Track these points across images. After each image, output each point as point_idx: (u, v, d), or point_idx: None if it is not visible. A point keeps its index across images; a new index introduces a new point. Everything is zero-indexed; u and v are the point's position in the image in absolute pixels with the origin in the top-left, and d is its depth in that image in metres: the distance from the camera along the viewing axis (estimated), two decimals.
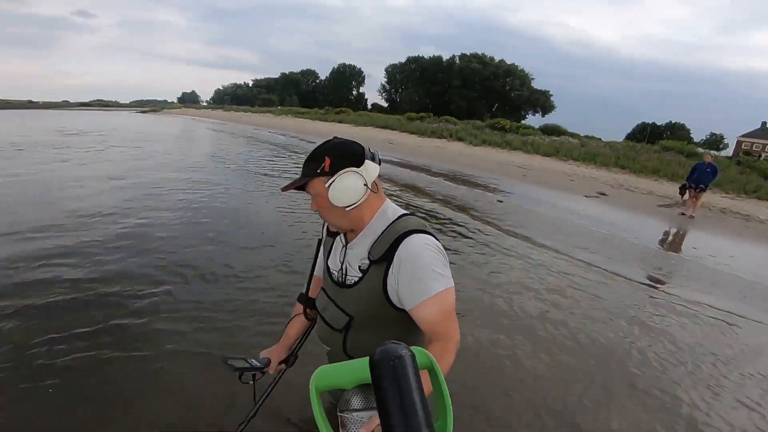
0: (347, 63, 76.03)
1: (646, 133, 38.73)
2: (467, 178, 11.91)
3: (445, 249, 1.08)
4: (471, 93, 55.83)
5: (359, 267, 1.09)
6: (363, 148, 1.07)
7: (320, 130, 27.00)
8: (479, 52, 58.04)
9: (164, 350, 2.40)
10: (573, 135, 25.73)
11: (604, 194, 11.55)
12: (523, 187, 11.38)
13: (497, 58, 57.63)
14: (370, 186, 1.04)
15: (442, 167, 13.71)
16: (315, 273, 1.32)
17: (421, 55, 63.96)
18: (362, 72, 76.17)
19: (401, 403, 0.47)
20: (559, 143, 20.19)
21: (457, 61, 58.89)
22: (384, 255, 1.03)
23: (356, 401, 0.64)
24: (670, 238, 7.78)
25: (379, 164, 1.07)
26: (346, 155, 1.04)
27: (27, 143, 13.03)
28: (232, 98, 78.88)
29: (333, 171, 1.02)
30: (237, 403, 1.95)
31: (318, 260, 1.31)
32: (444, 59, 60.82)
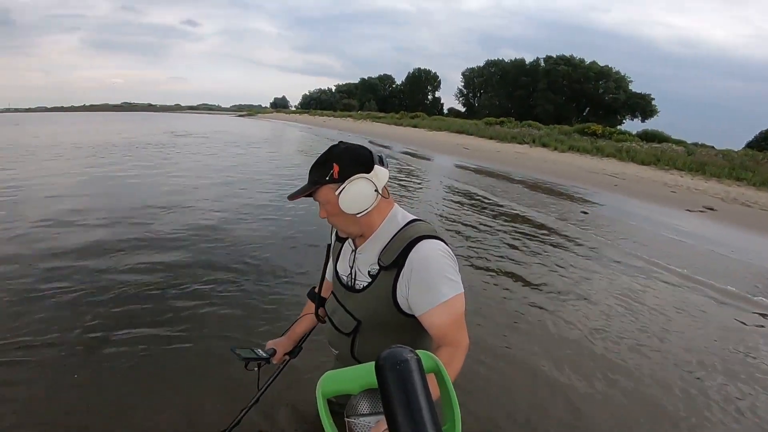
0: (423, 68, 76.00)
1: None
2: (549, 186, 11.18)
3: (516, 262, 0.98)
4: (558, 97, 52.45)
5: (368, 272, 1.09)
6: (371, 152, 1.05)
7: (395, 133, 27.36)
8: (567, 54, 54.44)
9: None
10: (678, 142, 22.93)
11: (711, 209, 10.05)
12: (612, 198, 10.37)
13: (587, 60, 53.54)
14: (380, 191, 1.03)
15: (521, 174, 13.05)
16: (328, 278, 1.32)
17: (501, 58, 61.84)
18: (438, 76, 75.60)
19: (408, 406, 0.46)
20: (660, 150, 18.07)
21: (542, 64, 55.84)
22: (394, 261, 1.02)
23: (363, 406, 0.63)
24: None
25: (388, 168, 1.07)
26: (354, 161, 1.02)
27: (148, 142, 15.05)
28: (317, 103, 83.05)
29: (342, 178, 1.00)
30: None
31: (330, 263, 1.31)
32: (527, 62, 58.19)
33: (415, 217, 1.11)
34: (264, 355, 1.38)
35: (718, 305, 3.94)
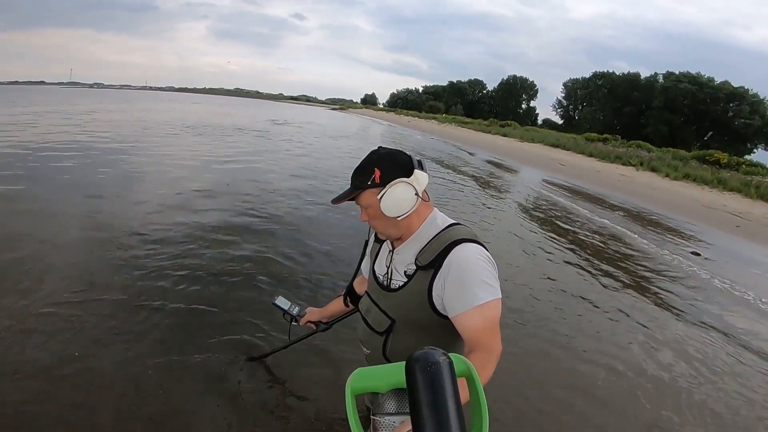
0: (518, 75, 72.82)
1: None
2: (655, 218, 9.95)
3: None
4: (676, 117, 46.54)
5: (405, 272, 1.10)
6: (410, 157, 1.08)
7: (482, 141, 26.47)
8: (692, 71, 48.11)
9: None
10: None
11: None
12: (732, 241, 8.90)
13: (718, 80, 46.76)
14: (420, 195, 1.05)
15: (622, 200, 11.80)
16: (363, 272, 1.39)
17: (610, 71, 56.98)
18: (535, 85, 72.19)
19: (434, 409, 0.45)
20: None
21: (661, 80, 50.06)
22: (432, 261, 1.03)
23: (390, 405, 0.63)
24: None
25: (427, 172, 1.08)
26: (395, 166, 1.05)
27: (250, 128, 16.39)
28: (403, 102, 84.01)
29: (384, 182, 1.03)
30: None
31: (364, 261, 1.36)
32: (642, 77, 52.62)
33: (454, 221, 1.13)
34: (294, 312, 1.66)
35: None
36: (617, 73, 55.66)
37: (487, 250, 1.05)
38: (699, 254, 6.85)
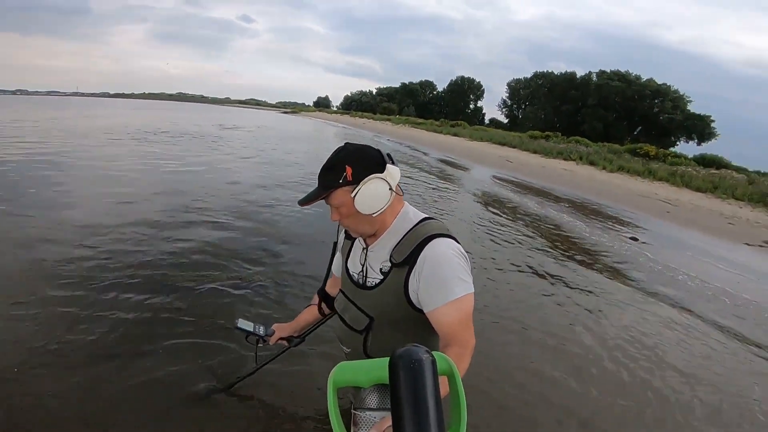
0: (466, 76, 75.24)
1: None
2: (596, 207, 10.70)
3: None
4: (609, 114, 50.30)
5: (380, 269, 1.09)
6: (380, 151, 1.05)
7: (434, 140, 27.13)
8: (622, 70, 52.22)
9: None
10: (738, 169, 21.43)
11: None
12: (664, 226, 9.78)
13: (644, 77, 51.11)
14: (394, 189, 1.03)
15: (567, 192, 12.57)
16: (334, 273, 1.36)
17: (550, 71, 60.44)
18: (481, 86, 74.74)
19: (414, 406, 0.46)
20: (718, 177, 16.92)
21: (594, 79, 53.83)
22: (407, 258, 1.03)
23: (371, 400, 0.64)
24: None
25: (397, 166, 1.07)
26: (366, 162, 1.02)
27: (199, 132, 15.69)
28: (357, 104, 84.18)
29: (356, 179, 1.01)
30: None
31: (335, 261, 1.34)
32: (578, 76, 56.28)
33: (427, 215, 1.11)
34: (261, 332, 1.47)
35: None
36: (556, 73, 59.14)
37: (459, 244, 1.05)
38: (636, 239, 7.46)
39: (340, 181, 1.02)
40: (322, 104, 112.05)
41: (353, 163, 1.02)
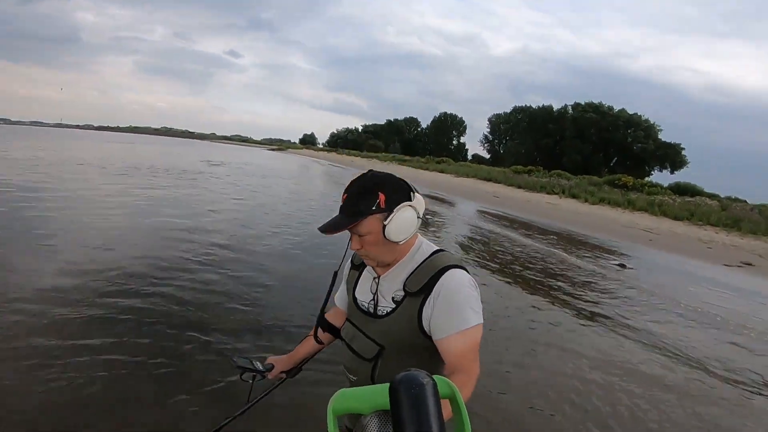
0: (449, 112, 77.57)
1: None
2: (582, 238, 11.26)
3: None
4: (586, 146, 52.45)
5: (393, 298, 1.09)
6: (405, 181, 1.08)
7: (423, 178, 27.95)
8: (595, 101, 55.12)
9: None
10: (711, 196, 22.63)
11: (750, 264, 9.93)
12: (649, 253, 10.36)
13: (616, 108, 53.97)
14: (421, 218, 1.06)
15: (555, 226, 13.17)
16: (337, 304, 1.37)
17: (528, 105, 62.50)
18: (463, 121, 76.73)
19: (418, 430, 0.46)
20: (693, 205, 17.91)
21: (570, 111, 56.42)
22: (423, 287, 1.04)
23: (372, 427, 0.62)
24: None
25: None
26: (397, 189, 1.04)
27: (186, 169, 15.97)
28: (344, 141, 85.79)
29: (389, 206, 1.01)
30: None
31: (339, 292, 1.35)
32: (555, 109, 58.81)
33: (439, 248, 1.14)
34: (260, 368, 1.41)
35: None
36: (534, 107, 61.00)
37: (471, 276, 1.09)
38: (624, 266, 7.95)
39: (374, 207, 1.00)
40: (308, 141, 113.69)
41: (386, 190, 1.02)
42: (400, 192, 1.03)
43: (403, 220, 1.01)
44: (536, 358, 3.65)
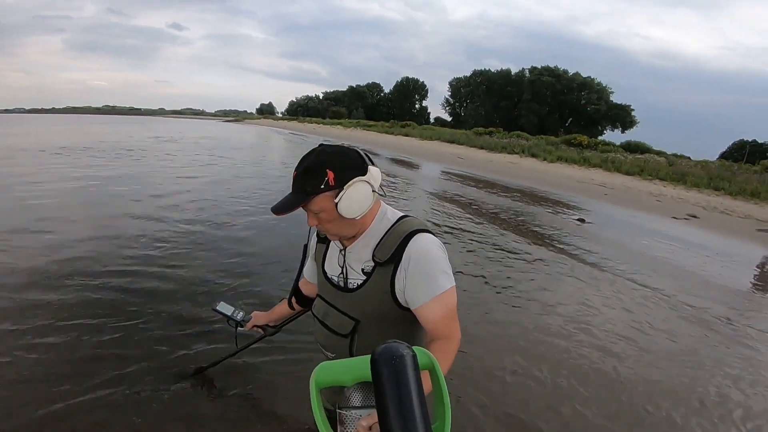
0: (411, 77, 77.02)
1: (744, 152, 34.79)
2: (544, 195, 11.71)
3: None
4: (543, 107, 53.96)
5: (362, 270, 1.07)
6: (359, 152, 1.02)
7: (388, 142, 27.80)
8: (551, 65, 56.18)
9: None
10: (659, 153, 24.09)
11: (695, 216, 10.76)
12: (605, 207, 10.96)
13: (571, 72, 55.38)
14: (377, 191, 1.01)
15: (517, 184, 13.58)
16: (307, 278, 1.38)
17: (487, 69, 62.96)
18: (425, 86, 76.74)
19: (399, 402, 0.47)
20: (643, 161, 18.98)
21: (527, 75, 57.41)
22: (391, 256, 1.02)
23: (356, 398, 0.64)
24: None
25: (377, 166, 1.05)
26: (348, 164, 0.98)
27: (134, 146, 14.99)
28: (304, 110, 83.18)
29: (339, 184, 0.97)
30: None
31: (307, 266, 1.34)
32: (513, 72, 59.64)
33: (404, 213, 1.11)
34: (237, 318, 1.57)
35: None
36: (492, 71, 61.86)
37: (437, 238, 1.07)
38: (584, 220, 8.38)
39: (322, 186, 0.96)
40: (266, 111, 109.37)
41: (335, 167, 0.97)
42: (351, 167, 0.98)
43: (355, 196, 0.97)
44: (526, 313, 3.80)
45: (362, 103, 76.93)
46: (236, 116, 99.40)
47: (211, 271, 3.69)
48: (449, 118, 66.98)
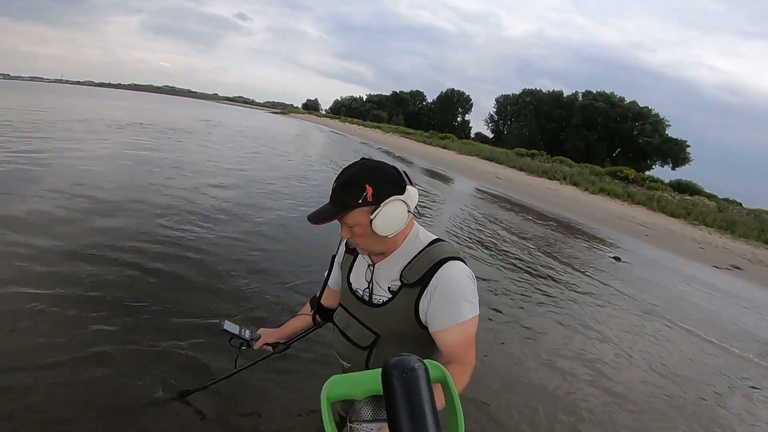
0: (456, 89, 76.28)
1: None
2: (581, 227, 11.37)
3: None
4: (591, 134, 52.06)
5: (389, 288, 1.08)
6: (398, 170, 1.03)
7: (426, 152, 27.76)
8: (607, 91, 54.35)
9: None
10: (710, 196, 22.75)
11: (738, 267, 10.14)
12: (644, 248, 10.51)
13: (627, 99, 53.29)
14: (412, 212, 1.02)
15: (555, 212, 13.25)
16: (331, 286, 1.34)
17: (538, 88, 61.74)
18: (470, 99, 75.72)
19: (411, 415, 0.46)
20: (691, 204, 18.04)
21: (580, 98, 55.72)
22: (420, 279, 1.03)
23: (366, 412, 0.63)
24: None
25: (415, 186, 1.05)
26: (388, 182, 0.99)
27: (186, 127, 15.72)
28: (347, 110, 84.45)
29: (377, 200, 0.97)
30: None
31: (333, 274, 1.32)
32: (564, 95, 58.15)
33: (436, 237, 1.12)
34: (246, 336, 1.42)
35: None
36: (543, 91, 60.41)
37: (469, 267, 1.08)
38: (619, 258, 8.08)
39: (360, 201, 0.97)
40: (311, 107, 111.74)
41: (374, 183, 0.98)
42: (391, 184, 0.99)
43: (391, 215, 0.98)
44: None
45: (403, 110, 76.94)
46: (282, 109, 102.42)
47: (232, 266, 3.69)
48: (491, 135, 66.03)
